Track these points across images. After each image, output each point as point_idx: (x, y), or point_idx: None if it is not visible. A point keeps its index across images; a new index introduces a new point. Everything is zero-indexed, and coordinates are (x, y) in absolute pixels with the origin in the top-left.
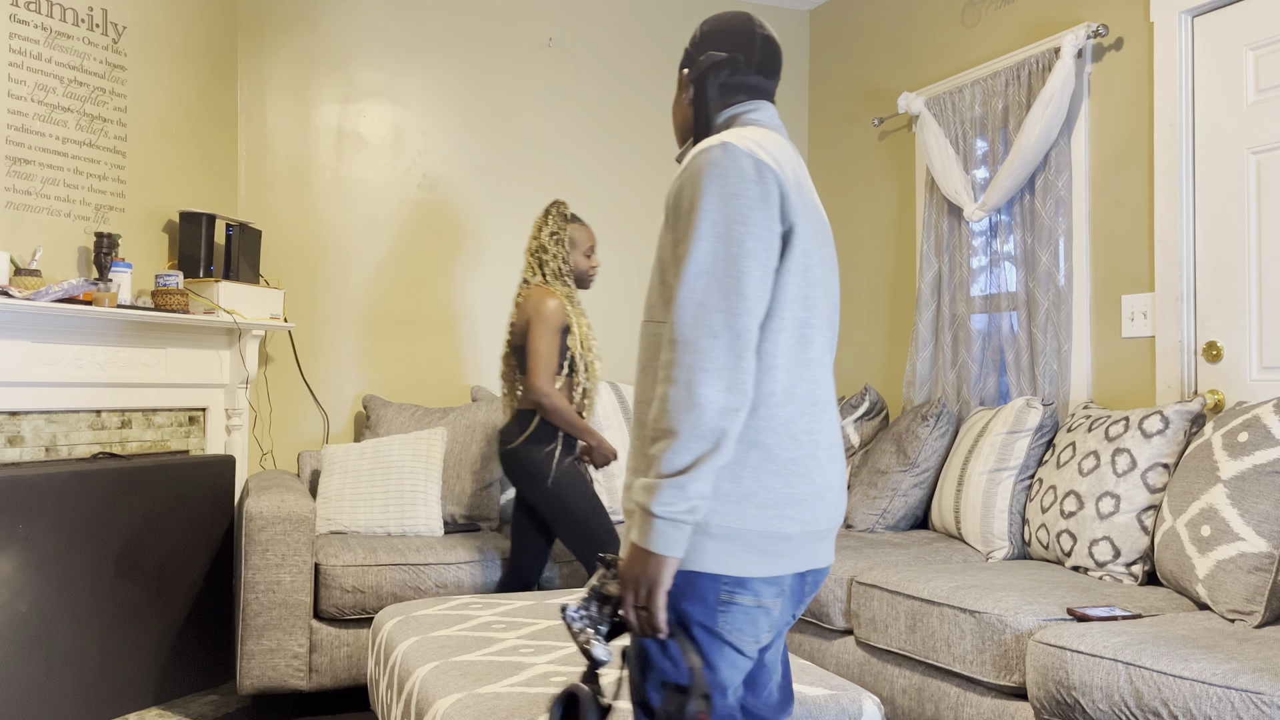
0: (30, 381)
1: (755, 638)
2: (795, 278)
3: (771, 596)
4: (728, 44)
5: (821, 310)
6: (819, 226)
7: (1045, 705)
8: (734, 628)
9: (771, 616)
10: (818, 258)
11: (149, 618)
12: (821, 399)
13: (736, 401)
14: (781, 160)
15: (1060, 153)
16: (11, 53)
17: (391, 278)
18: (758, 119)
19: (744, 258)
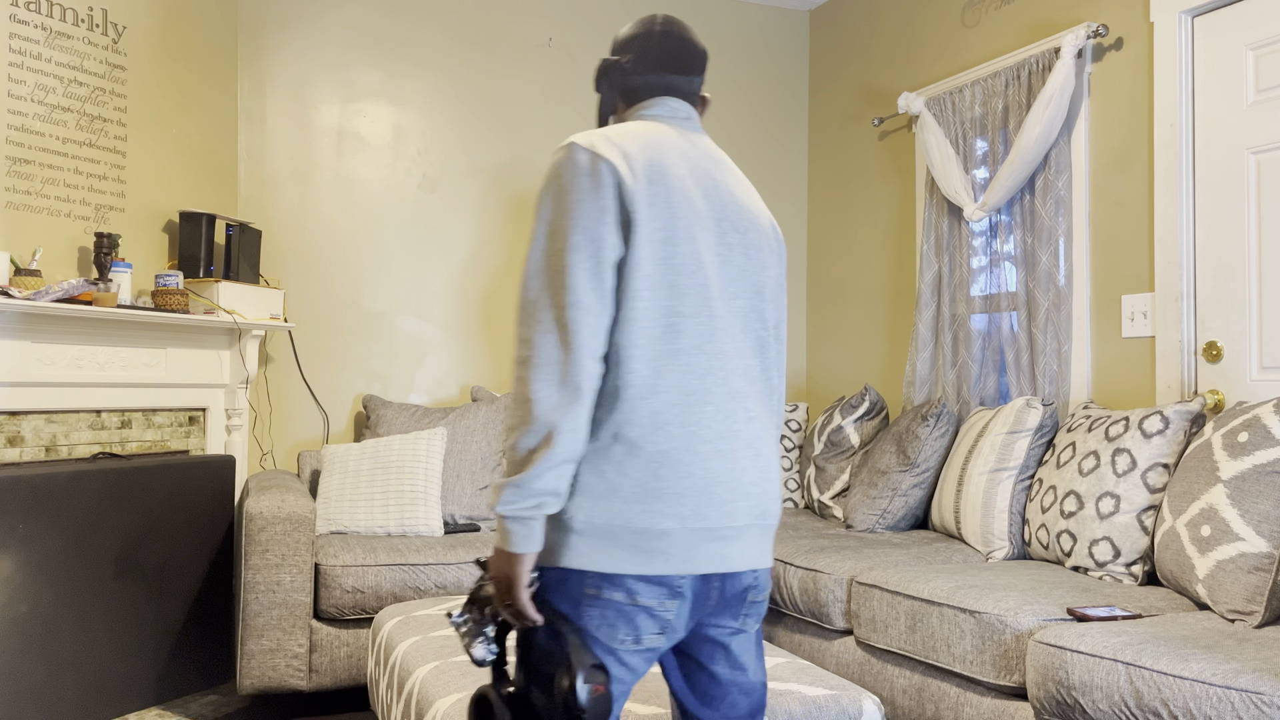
0: (30, 381)
1: (633, 637)
2: (647, 266)
3: (655, 597)
4: (625, 47)
5: (697, 298)
6: (717, 211)
7: (1045, 705)
8: (603, 624)
9: (659, 619)
10: (701, 244)
11: (149, 618)
12: (700, 390)
13: (569, 395)
14: (634, 150)
15: (1060, 153)
16: (11, 53)
17: (391, 278)
18: (653, 113)
19: (569, 251)
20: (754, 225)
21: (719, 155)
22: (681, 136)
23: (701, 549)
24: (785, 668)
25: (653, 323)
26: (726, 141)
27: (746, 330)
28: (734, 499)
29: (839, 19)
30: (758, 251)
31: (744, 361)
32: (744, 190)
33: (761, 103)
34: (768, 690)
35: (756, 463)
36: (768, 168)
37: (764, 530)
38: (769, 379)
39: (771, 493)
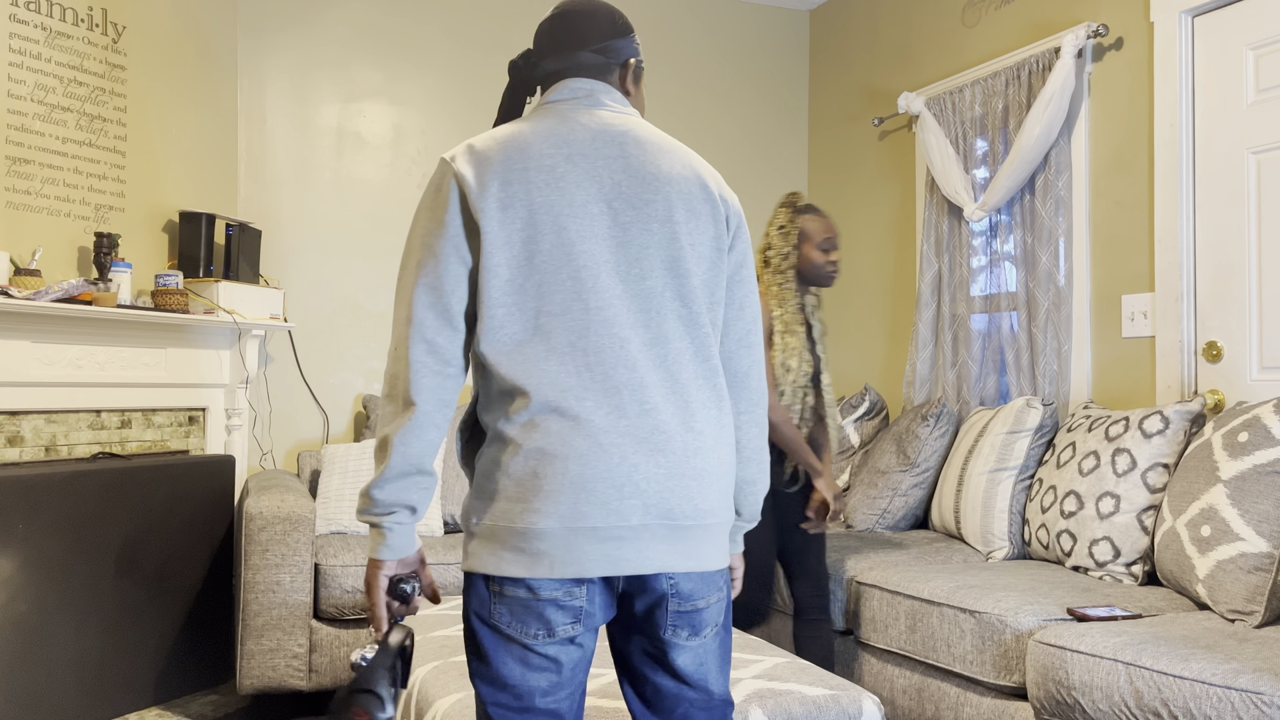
0: (30, 381)
1: (545, 630)
2: (504, 271)
3: (559, 589)
4: (534, 45)
5: (566, 293)
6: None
7: (1045, 705)
8: (513, 621)
9: (569, 608)
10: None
11: (149, 618)
12: (576, 386)
13: (398, 409)
14: (493, 153)
15: (1060, 153)
16: (11, 53)
17: (392, 278)
18: (549, 100)
19: (410, 270)
20: (659, 196)
21: (625, 127)
22: (569, 119)
23: (587, 549)
24: (785, 668)
25: (518, 327)
26: (727, 141)
27: (658, 312)
28: (622, 497)
29: (839, 19)
30: (663, 223)
31: (648, 350)
32: (654, 158)
33: (761, 103)
34: (762, 694)
35: (657, 457)
36: (768, 167)
37: (675, 530)
38: (707, 359)
39: (685, 489)
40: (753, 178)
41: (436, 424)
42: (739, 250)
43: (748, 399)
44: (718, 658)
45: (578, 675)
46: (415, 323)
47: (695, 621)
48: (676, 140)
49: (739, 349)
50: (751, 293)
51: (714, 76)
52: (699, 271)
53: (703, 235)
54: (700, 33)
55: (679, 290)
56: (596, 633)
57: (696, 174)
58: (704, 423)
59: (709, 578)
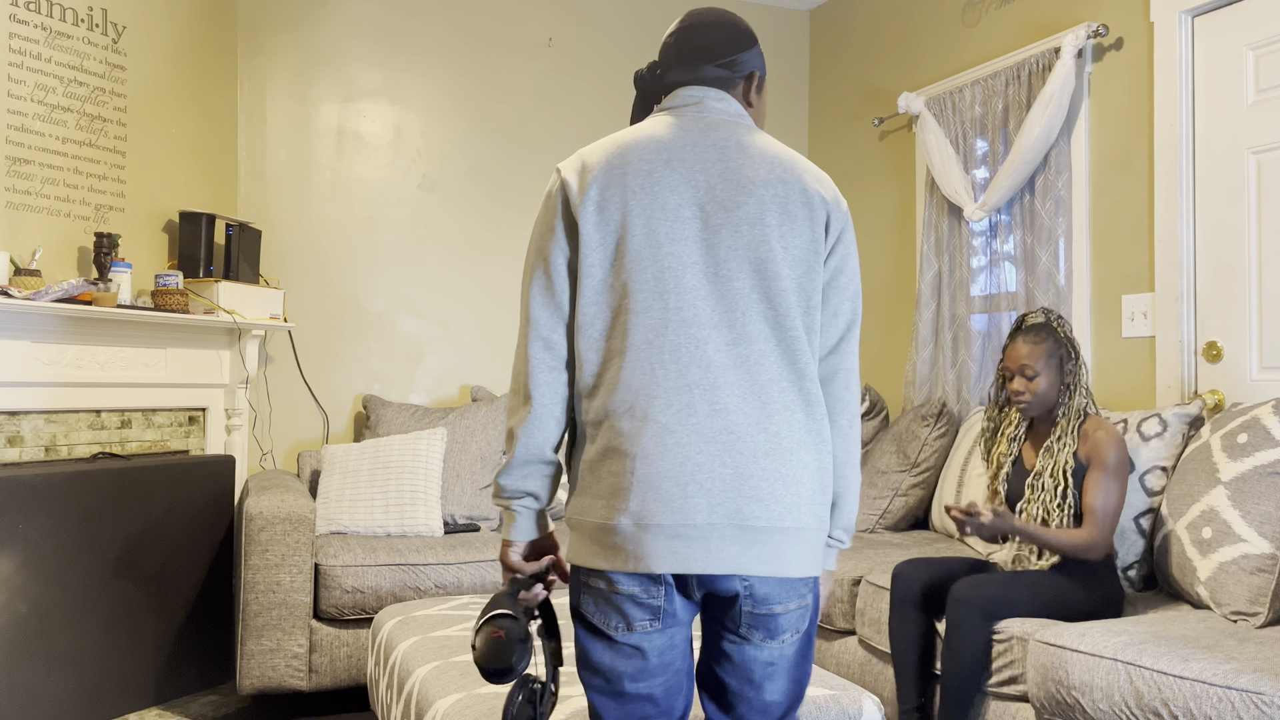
0: (30, 381)
1: (624, 623)
2: (597, 271)
3: (638, 585)
4: (659, 56)
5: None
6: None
7: (1045, 705)
8: (596, 612)
9: (647, 606)
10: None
11: (149, 618)
12: (648, 384)
13: (520, 403)
14: (598, 160)
15: (1060, 153)
16: (11, 53)
17: (391, 278)
18: (662, 108)
19: (528, 271)
20: (751, 199)
21: (729, 133)
22: (675, 126)
23: (656, 546)
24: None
25: (602, 324)
26: None
27: (743, 313)
28: (686, 495)
29: (839, 19)
30: (753, 226)
31: (728, 351)
32: (753, 163)
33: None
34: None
35: (724, 456)
36: None
37: (745, 532)
38: (793, 362)
39: (755, 490)
40: None
41: (555, 416)
42: (838, 255)
43: (845, 410)
44: (791, 665)
45: (670, 663)
46: (533, 321)
47: (771, 626)
48: (786, 147)
49: (831, 355)
50: (849, 299)
51: None
52: (791, 274)
53: (797, 239)
54: None
55: (766, 292)
56: (688, 626)
57: (799, 178)
58: (783, 424)
59: (789, 583)
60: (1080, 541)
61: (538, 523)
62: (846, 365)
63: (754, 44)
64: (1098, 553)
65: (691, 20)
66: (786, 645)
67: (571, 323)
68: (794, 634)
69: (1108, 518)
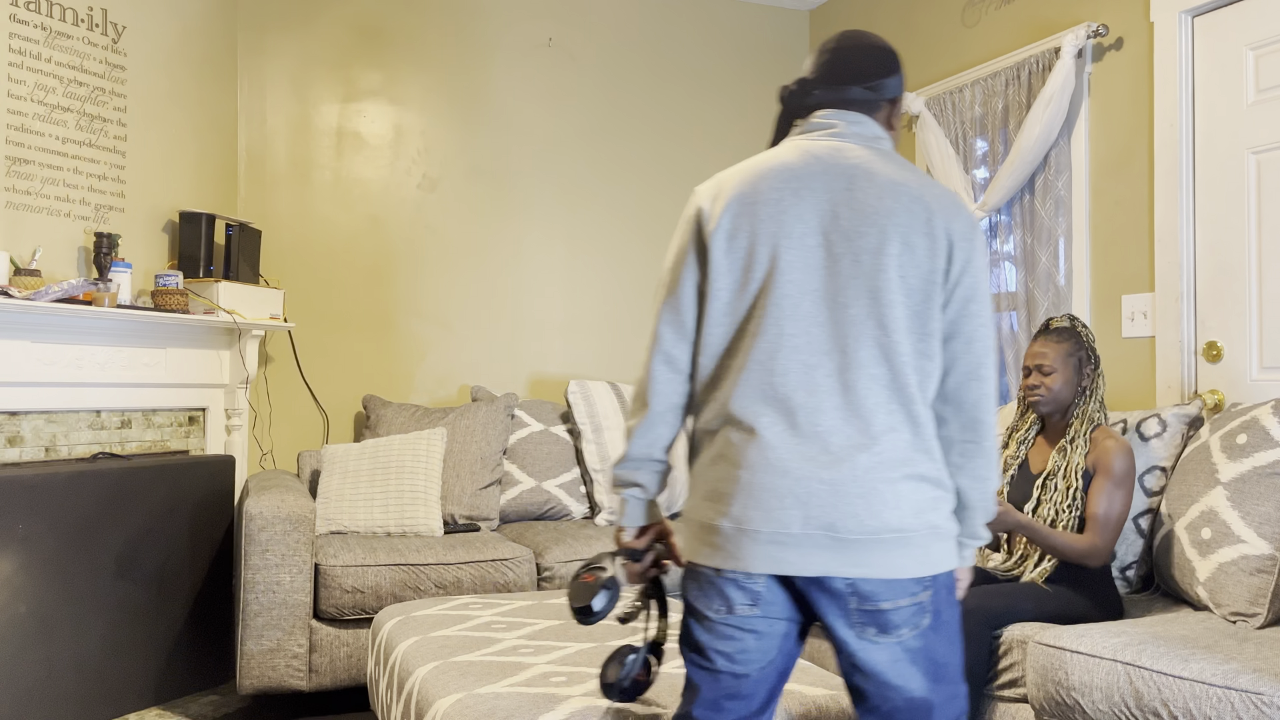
0: (30, 381)
1: (726, 606)
2: (724, 294)
3: (741, 574)
4: (808, 72)
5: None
6: (828, 223)
7: (1045, 706)
8: (699, 596)
9: (748, 590)
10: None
11: (149, 618)
12: (757, 402)
13: (638, 405)
14: (731, 185)
15: (1060, 153)
16: (11, 53)
17: (391, 278)
18: (797, 132)
19: (659, 290)
20: (874, 229)
21: (859, 160)
22: (808, 152)
23: (755, 549)
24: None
25: (722, 345)
26: (727, 141)
27: (856, 339)
28: (783, 507)
29: (839, 19)
30: (873, 255)
31: (836, 376)
32: (880, 192)
33: (762, 102)
34: None
35: (822, 474)
36: None
37: (839, 543)
38: (902, 388)
39: (851, 507)
40: None
41: (668, 422)
42: (966, 286)
43: (972, 430)
44: (921, 659)
45: (766, 650)
46: (658, 338)
47: (882, 621)
48: (918, 173)
49: (968, 382)
50: (982, 328)
51: (714, 76)
52: (906, 303)
53: (916, 269)
54: (700, 33)
55: (880, 319)
56: (789, 623)
57: (926, 208)
58: (886, 446)
59: (894, 583)
60: (1081, 547)
61: (646, 511)
62: (986, 390)
63: (899, 70)
64: (1098, 560)
65: (844, 42)
66: (907, 640)
67: (696, 340)
68: (912, 629)
69: (1111, 526)
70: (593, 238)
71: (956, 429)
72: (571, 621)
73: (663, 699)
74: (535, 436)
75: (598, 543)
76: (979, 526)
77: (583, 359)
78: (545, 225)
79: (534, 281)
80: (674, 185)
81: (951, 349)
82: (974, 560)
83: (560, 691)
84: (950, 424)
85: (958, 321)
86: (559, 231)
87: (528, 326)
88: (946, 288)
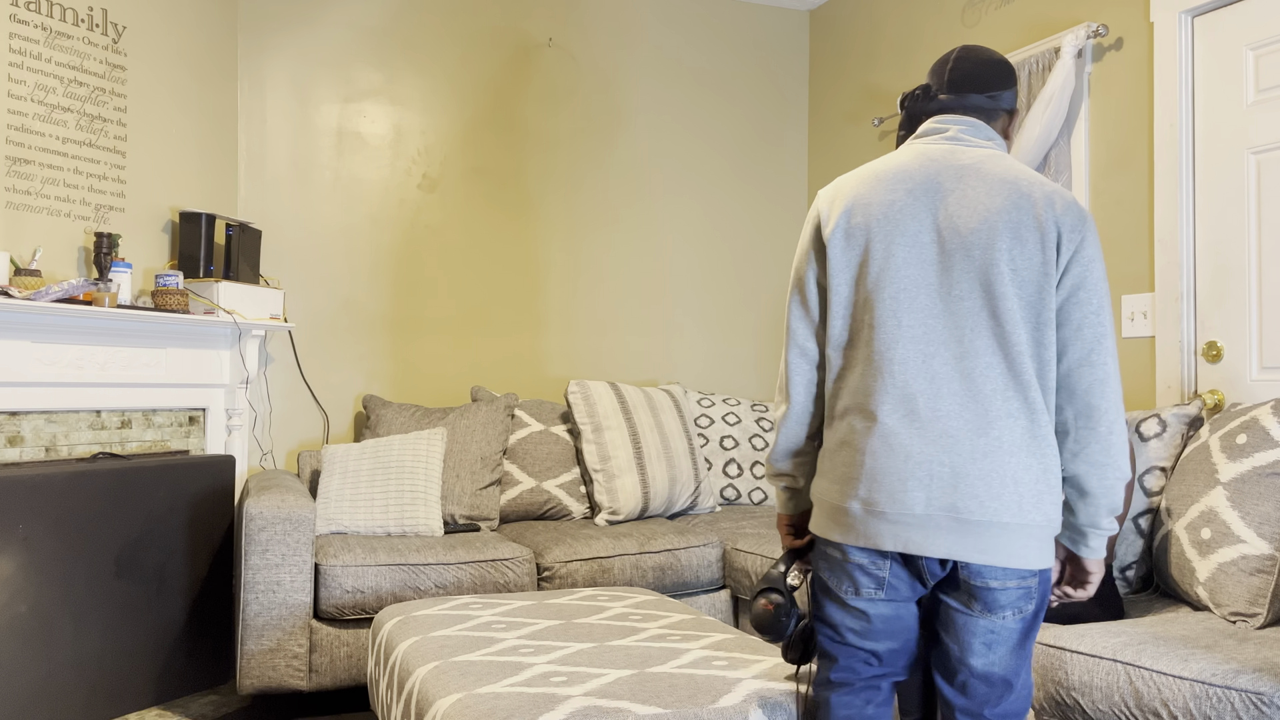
0: (30, 381)
1: (852, 588)
2: (844, 289)
3: (866, 557)
4: (930, 80)
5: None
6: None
7: (1045, 706)
8: (829, 575)
9: (873, 576)
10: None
11: (149, 618)
12: (876, 390)
13: (781, 402)
14: (849, 189)
15: (1060, 153)
16: (11, 53)
17: (391, 278)
18: (918, 134)
19: (790, 289)
20: (984, 225)
21: (972, 161)
22: (923, 155)
23: (881, 529)
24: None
25: (845, 337)
26: (727, 141)
27: (971, 329)
28: (905, 490)
29: (839, 19)
30: (985, 250)
31: (954, 364)
32: (990, 190)
33: (761, 103)
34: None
35: (943, 457)
36: (768, 168)
37: (961, 524)
38: (1018, 375)
39: (971, 488)
40: (753, 178)
41: (810, 411)
42: (1074, 274)
43: (1086, 415)
44: (1013, 640)
45: (895, 632)
46: (791, 332)
47: (989, 600)
48: (1027, 170)
49: (1080, 368)
50: (1092, 314)
51: (714, 76)
52: (1020, 294)
53: (1027, 261)
54: (700, 33)
55: (994, 311)
56: (913, 602)
57: (1034, 202)
58: (1004, 430)
59: (1007, 569)
60: None
61: (796, 500)
62: (1100, 375)
63: (1016, 83)
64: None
65: (966, 53)
66: (1008, 621)
67: (822, 332)
68: (1015, 613)
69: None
70: (592, 237)
71: (1071, 415)
72: (572, 621)
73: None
74: (535, 436)
75: (597, 542)
76: (1100, 516)
77: (583, 359)
78: (545, 225)
79: (534, 281)
80: (674, 185)
81: (1062, 335)
82: (1104, 552)
83: (560, 691)
84: (1064, 410)
85: (1066, 308)
86: (559, 231)
87: (528, 326)
88: (1057, 274)
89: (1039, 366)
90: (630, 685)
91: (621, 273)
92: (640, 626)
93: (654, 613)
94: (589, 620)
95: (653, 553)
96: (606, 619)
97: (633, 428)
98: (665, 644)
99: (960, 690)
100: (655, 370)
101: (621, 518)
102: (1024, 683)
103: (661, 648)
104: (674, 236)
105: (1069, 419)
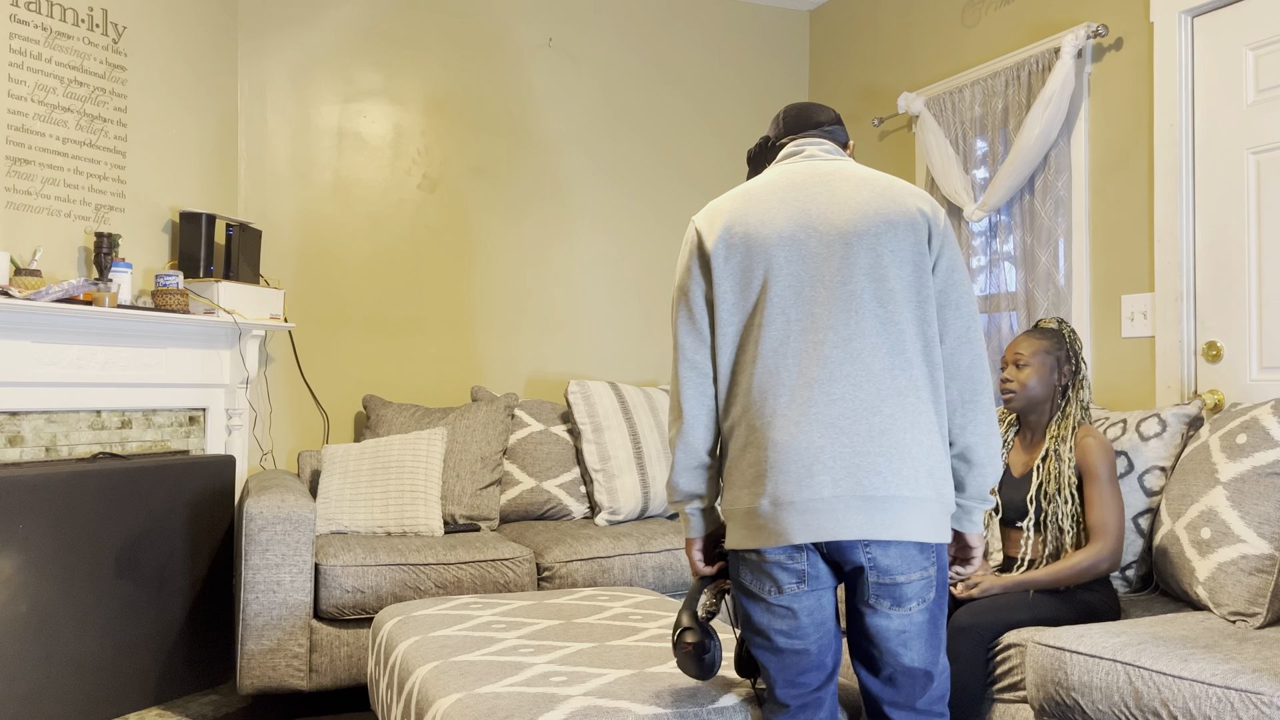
0: (30, 381)
1: (775, 587)
2: (730, 297)
3: (782, 554)
4: (772, 129)
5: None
6: (815, 221)
7: (1045, 706)
8: (752, 580)
9: (792, 570)
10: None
11: (149, 618)
12: (774, 384)
13: (675, 416)
14: (723, 208)
15: (1060, 153)
16: (11, 53)
17: (391, 278)
18: (781, 156)
19: (674, 306)
20: (859, 217)
21: (833, 168)
22: (787, 170)
23: (791, 520)
24: None
25: (735, 340)
26: (727, 141)
27: (856, 313)
28: (811, 474)
29: (839, 19)
30: (860, 237)
31: (842, 348)
32: (857, 188)
33: (762, 103)
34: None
35: (842, 439)
36: None
37: (868, 501)
38: (901, 353)
39: (873, 465)
40: None
41: (705, 424)
42: (946, 259)
43: (970, 390)
44: (924, 631)
45: (820, 622)
46: (680, 348)
47: (896, 595)
48: (884, 174)
49: (960, 345)
50: (966, 295)
51: (714, 77)
52: (901, 276)
53: (902, 244)
54: (700, 33)
55: (877, 293)
56: (833, 590)
57: (894, 196)
58: (895, 408)
59: (909, 556)
60: (1090, 560)
61: (706, 519)
62: (978, 351)
63: (842, 124)
64: (1113, 564)
65: (793, 105)
66: (915, 613)
67: (712, 343)
68: (920, 603)
69: (1112, 529)
70: (592, 237)
71: (956, 392)
72: (571, 621)
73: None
74: (535, 436)
75: (597, 542)
76: (985, 488)
77: (583, 359)
78: (545, 225)
79: (534, 281)
80: (674, 185)
81: (943, 316)
82: (983, 528)
83: (560, 691)
84: (950, 388)
85: (945, 290)
86: (559, 231)
87: (527, 326)
88: (931, 259)
89: (924, 344)
90: (630, 685)
91: (622, 272)
92: (640, 626)
93: (654, 613)
94: (589, 620)
95: (653, 553)
96: (606, 619)
97: (633, 428)
98: (665, 644)
99: (888, 683)
100: (655, 370)
101: (621, 518)
102: (941, 668)
103: (661, 648)
104: (674, 237)
105: (954, 395)
